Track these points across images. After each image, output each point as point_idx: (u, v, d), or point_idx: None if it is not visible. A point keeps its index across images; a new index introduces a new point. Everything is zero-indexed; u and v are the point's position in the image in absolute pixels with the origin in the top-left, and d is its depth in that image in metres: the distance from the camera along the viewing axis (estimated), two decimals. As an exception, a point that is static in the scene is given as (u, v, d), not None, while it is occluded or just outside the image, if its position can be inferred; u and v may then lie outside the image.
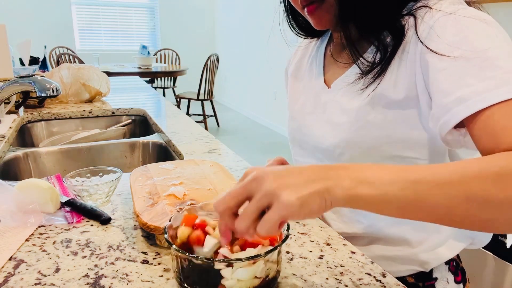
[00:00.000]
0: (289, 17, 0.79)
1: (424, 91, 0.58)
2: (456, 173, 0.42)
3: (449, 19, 0.55)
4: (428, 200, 0.41)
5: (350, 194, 0.42)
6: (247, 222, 0.42)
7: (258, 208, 0.41)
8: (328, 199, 0.42)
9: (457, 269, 0.73)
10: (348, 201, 0.42)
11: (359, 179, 0.42)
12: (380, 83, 0.62)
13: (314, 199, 0.41)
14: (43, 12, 5.51)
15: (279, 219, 0.41)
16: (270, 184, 0.41)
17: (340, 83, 0.70)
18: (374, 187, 0.42)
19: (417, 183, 0.42)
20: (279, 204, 0.40)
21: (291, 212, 0.40)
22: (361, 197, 0.42)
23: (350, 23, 0.63)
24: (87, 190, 0.73)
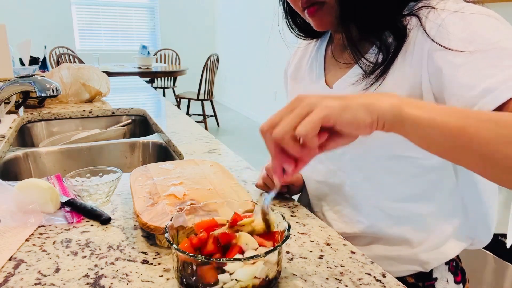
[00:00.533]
0: (288, 19, 0.79)
1: (429, 91, 0.58)
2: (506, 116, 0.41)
3: (457, 16, 0.55)
4: (476, 133, 0.40)
5: (397, 111, 0.41)
6: (284, 127, 0.42)
7: (298, 115, 0.41)
8: (374, 112, 0.42)
9: (457, 269, 0.73)
10: (395, 119, 0.42)
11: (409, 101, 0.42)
12: (382, 83, 0.62)
13: (358, 109, 0.41)
14: (43, 12, 5.51)
15: (320, 119, 0.40)
16: (313, 98, 0.42)
17: (342, 83, 0.70)
18: (423, 110, 0.42)
19: (466, 116, 0.42)
20: (321, 105, 0.41)
21: (332, 113, 0.40)
22: (408, 116, 0.41)
23: (351, 24, 0.63)
24: (87, 190, 0.73)
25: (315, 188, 0.79)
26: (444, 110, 0.42)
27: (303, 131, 0.41)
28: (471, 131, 0.41)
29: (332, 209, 0.76)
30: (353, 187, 0.71)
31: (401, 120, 0.42)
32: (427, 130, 0.42)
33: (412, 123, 0.42)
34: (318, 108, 0.41)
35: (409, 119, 0.42)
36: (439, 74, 0.55)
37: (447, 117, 0.41)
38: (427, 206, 0.67)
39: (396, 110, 0.42)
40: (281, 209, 0.75)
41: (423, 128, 0.42)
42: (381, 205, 0.68)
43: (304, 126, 0.41)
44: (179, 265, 0.48)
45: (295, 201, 0.79)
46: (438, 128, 0.41)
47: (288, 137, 0.42)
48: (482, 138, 0.40)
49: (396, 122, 0.42)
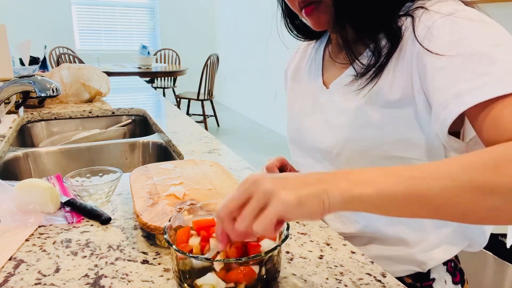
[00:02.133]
0: (287, 21, 0.79)
1: (420, 91, 0.58)
2: (453, 164, 0.41)
3: (447, 20, 0.55)
4: (425, 193, 0.41)
5: (347, 195, 0.42)
6: (246, 222, 0.42)
7: (257, 208, 0.42)
8: (326, 201, 0.42)
9: (455, 270, 0.73)
10: (346, 202, 0.42)
11: (355, 180, 0.43)
12: (377, 84, 0.62)
13: (312, 200, 0.41)
14: (43, 12, 5.51)
15: (275, 216, 0.41)
16: (269, 185, 0.42)
17: (338, 83, 0.70)
18: (369, 185, 0.42)
19: (413, 177, 0.42)
20: (277, 201, 0.41)
21: (288, 210, 0.41)
22: (358, 197, 0.42)
23: (346, 23, 0.63)
24: (87, 190, 0.73)
25: None
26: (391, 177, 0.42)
27: (261, 229, 0.41)
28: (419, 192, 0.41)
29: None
30: None
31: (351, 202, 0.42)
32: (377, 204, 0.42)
33: (361, 203, 0.42)
34: (274, 203, 0.41)
35: (358, 200, 0.42)
36: (425, 77, 0.56)
37: (394, 185, 0.42)
38: None
39: (345, 195, 0.42)
40: (281, 209, 0.75)
41: (373, 202, 0.42)
42: None
43: (261, 224, 0.41)
44: (178, 265, 0.48)
45: (295, 201, 0.79)
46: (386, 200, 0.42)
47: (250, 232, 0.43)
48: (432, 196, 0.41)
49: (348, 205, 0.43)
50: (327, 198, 0.42)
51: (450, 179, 0.40)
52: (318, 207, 0.42)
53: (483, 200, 0.39)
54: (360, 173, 0.44)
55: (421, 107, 0.59)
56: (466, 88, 0.48)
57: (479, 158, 0.41)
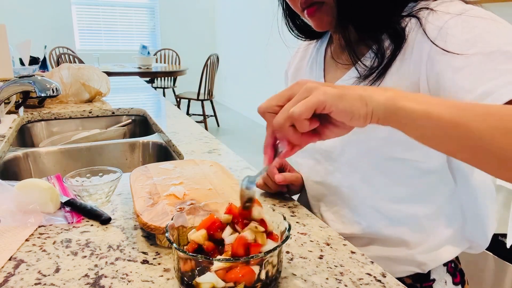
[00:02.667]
0: (288, 20, 0.79)
1: (426, 92, 0.58)
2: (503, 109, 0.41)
3: (459, 20, 0.54)
4: (471, 125, 0.40)
5: (392, 104, 0.42)
6: (284, 116, 0.43)
7: (298, 100, 0.42)
8: (370, 104, 0.42)
9: (456, 271, 0.73)
10: (388, 112, 0.42)
11: (404, 94, 0.43)
12: (380, 85, 0.62)
13: (355, 99, 0.42)
14: (43, 12, 5.51)
15: (315, 102, 0.41)
16: (312, 83, 0.43)
17: (340, 84, 0.70)
18: (417, 102, 0.42)
19: (461, 108, 0.41)
20: (318, 91, 0.42)
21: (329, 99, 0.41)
22: (403, 109, 0.42)
23: (349, 24, 0.63)
24: (87, 190, 0.73)
25: (313, 189, 0.79)
26: (439, 102, 0.42)
27: (297, 112, 0.41)
28: (466, 123, 0.40)
29: (330, 209, 0.76)
30: (350, 188, 0.71)
31: (396, 113, 0.42)
32: (422, 122, 0.42)
33: (406, 115, 0.42)
34: (315, 92, 0.42)
35: (403, 112, 0.42)
36: (439, 77, 0.55)
37: (442, 109, 0.41)
38: (424, 208, 0.67)
39: (390, 103, 0.42)
40: (281, 209, 0.75)
41: (417, 120, 0.42)
42: (378, 206, 0.68)
43: (298, 107, 0.42)
44: (180, 264, 0.48)
45: (295, 201, 0.79)
46: (432, 120, 0.41)
47: (287, 126, 0.43)
48: (477, 130, 0.40)
49: (391, 115, 0.42)
50: (371, 102, 0.42)
51: (499, 120, 0.40)
52: (361, 107, 0.42)
53: None
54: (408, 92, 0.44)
55: None
56: (493, 87, 0.47)
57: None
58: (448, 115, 0.41)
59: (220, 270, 0.45)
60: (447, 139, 0.42)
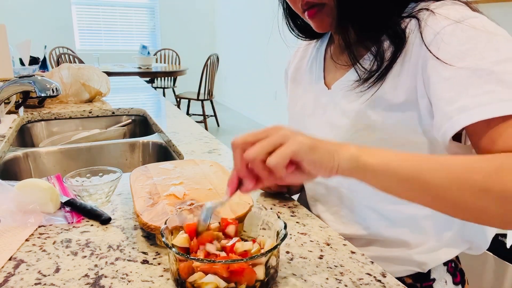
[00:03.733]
0: (288, 20, 0.79)
1: (423, 95, 0.58)
2: (459, 160, 0.45)
3: (457, 28, 0.54)
4: (428, 178, 0.44)
5: (356, 160, 0.46)
6: (258, 150, 0.45)
7: (272, 143, 0.45)
8: (336, 159, 0.46)
9: (456, 270, 0.73)
10: (352, 167, 0.46)
11: (365, 151, 0.47)
12: (381, 87, 0.62)
13: (324, 152, 0.46)
14: (43, 12, 5.51)
15: (290, 153, 0.44)
16: (288, 131, 0.46)
17: (340, 85, 0.70)
18: (378, 157, 0.46)
19: (420, 161, 0.45)
20: (293, 140, 0.45)
21: (302, 150, 0.44)
22: (363, 164, 0.46)
23: (349, 25, 0.63)
24: (87, 190, 0.73)
25: (312, 189, 0.79)
26: (399, 157, 0.46)
27: (274, 161, 0.44)
28: (423, 176, 0.45)
29: (328, 210, 0.75)
30: (350, 188, 0.71)
31: (358, 168, 0.46)
32: (381, 176, 0.46)
33: (367, 170, 0.46)
34: (291, 142, 0.45)
35: (364, 168, 0.46)
36: (428, 81, 0.56)
37: (400, 164, 0.46)
38: (423, 209, 0.66)
39: (353, 160, 0.46)
40: (281, 209, 0.75)
41: (377, 174, 0.46)
42: (377, 206, 0.68)
43: (275, 156, 0.45)
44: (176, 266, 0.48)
45: (295, 201, 0.79)
46: (391, 175, 0.46)
47: (259, 160, 0.46)
48: (433, 183, 0.44)
49: (354, 169, 0.47)
50: (337, 157, 0.46)
51: (453, 174, 0.44)
52: (329, 161, 0.46)
53: (477, 199, 0.43)
54: (371, 148, 0.48)
55: (424, 112, 0.59)
56: (471, 103, 0.49)
57: (483, 162, 0.44)
58: (404, 169, 0.45)
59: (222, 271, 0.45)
60: (406, 191, 0.47)
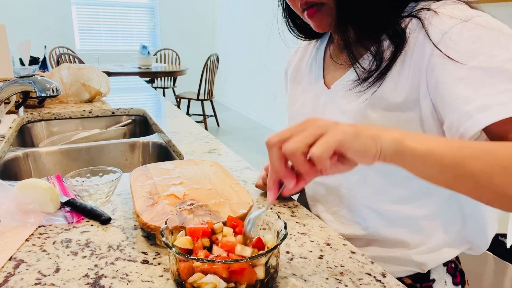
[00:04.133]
0: (288, 20, 0.79)
1: (426, 95, 0.57)
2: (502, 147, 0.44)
3: (464, 27, 0.54)
4: (470, 163, 0.43)
5: (399, 144, 0.44)
6: (298, 143, 0.43)
7: (312, 134, 0.43)
8: (379, 143, 0.44)
9: (456, 271, 0.72)
10: (396, 152, 0.44)
11: (408, 135, 0.45)
12: (380, 86, 0.62)
13: (367, 138, 0.44)
14: (43, 12, 5.51)
15: (336, 142, 0.42)
16: (325, 122, 0.44)
17: (339, 84, 0.70)
18: (421, 143, 0.45)
19: (462, 147, 0.44)
20: (336, 129, 0.42)
21: (346, 139, 0.42)
22: (408, 148, 0.44)
23: (348, 25, 0.63)
24: (87, 190, 0.73)
25: (312, 189, 0.79)
26: (442, 143, 0.45)
27: (319, 152, 0.41)
28: (466, 163, 0.44)
29: (328, 210, 0.75)
30: (349, 188, 0.71)
31: (401, 153, 0.45)
32: (425, 162, 0.45)
33: (410, 155, 0.45)
34: (333, 131, 0.43)
35: (407, 151, 0.45)
36: (438, 82, 0.55)
37: (444, 150, 0.44)
38: (422, 210, 0.67)
39: (397, 144, 0.45)
40: (281, 209, 0.75)
41: (420, 160, 0.45)
42: (377, 207, 0.68)
43: (320, 147, 0.42)
44: (177, 267, 0.48)
45: (295, 201, 0.79)
46: (434, 160, 0.44)
47: (300, 153, 0.43)
48: (477, 170, 0.44)
49: (397, 155, 0.45)
50: (380, 142, 0.44)
51: (496, 160, 0.43)
52: (372, 146, 0.44)
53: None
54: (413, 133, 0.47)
55: (426, 112, 0.58)
56: (491, 102, 0.49)
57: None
58: (449, 155, 0.44)
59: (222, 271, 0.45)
60: (448, 178, 0.46)
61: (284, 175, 0.46)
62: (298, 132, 0.44)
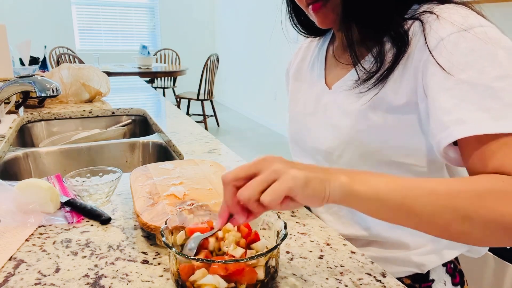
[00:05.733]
0: (292, 15, 0.78)
1: (423, 98, 0.57)
2: (444, 186, 0.46)
3: (461, 38, 0.53)
4: (415, 205, 0.46)
5: (346, 189, 0.46)
6: (251, 191, 0.44)
7: (265, 181, 0.44)
8: (327, 188, 0.45)
9: (455, 271, 0.72)
10: (343, 196, 0.46)
11: (355, 178, 0.47)
12: (382, 89, 0.62)
13: (317, 183, 0.45)
14: (43, 12, 5.51)
15: (285, 190, 0.43)
16: (279, 164, 0.45)
17: (341, 85, 0.70)
18: (367, 186, 0.46)
19: (407, 188, 0.46)
20: (287, 176, 0.43)
21: (296, 186, 0.43)
22: (355, 193, 0.46)
23: (353, 23, 0.63)
24: (87, 190, 0.73)
25: None
26: (389, 185, 0.47)
27: (268, 200, 0.43)
28: (410, 205, 0.46)
29: (328, 210, 0.75)
30: None
31: (348, 196, 0.46)
32: (371, 205, 0.47)
33: (357, 199, 0.47)
34: (284, 177, 0.44)
35: (355, 196, 0.46)
36: (427, 87, 0.56)
37: (389, 192, 0.46)
38: None
39: (344, 188, 0.46)
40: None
41: (367, 203, 0.47)
42: None
43: (270, 195, 0.43)
44: (177, 267, 0.48)
45: (295, 201, 0.79)
46: (380, 203, 0.47)
47: (253, 200, 0.44)
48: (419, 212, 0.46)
49: (345, 198, 0.47)
50: (328, 186, 0.45)
51: (437, 200, 0.45)
52: (321, 192, 0.45)
53: (460, 224, 0.45)
54: (362, 174, 0.48)
55: (423, 115, 0.59)
56: (467, 117, 0.50)
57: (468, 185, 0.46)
58: (393, 198, 0.46)
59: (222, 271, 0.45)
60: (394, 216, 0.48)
61: (236, 211, 0.47)
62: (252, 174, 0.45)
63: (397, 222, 0.49)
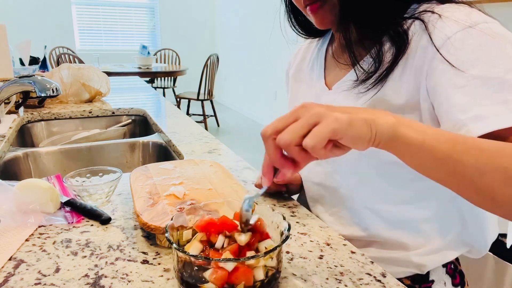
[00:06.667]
0: (290, 16, 0.78)
1: (426, 98, 0.57)
2: (493, 145, 0.44)
3: (469, 34, 0.53)
4: (462, 159, 0.43)
5: (393, 130, 0.44)
6: (293, 134, 0.42)
7: (306, 124, 0.42)
8: (374, 129, 0.43)
9: (455, 272, 0.72)
10: (390, 138, 0.44)
11: (404, 122, 0.45)
12: (382, 88, 0.62)
13: (362, 124, 0.43)
14: (43, 12, 5.51)
15: (329, 132, 0.41)
16: (320, 108, 0.43)
17: (340, 85, 0.70)
18: (416, 131, 0.44)
19: (456, 141, 0.44)
20: (329, 118, 0.41)
21: (340, 127, 0.41)
22: (402, 136, 0.44)
23: (351, 23, 0.63)
24: (87, 190, 0.73)
25: (312, 190, 0.79)
26: (436, 134, 0.45)
27: (311, 143, 0.41)
28: (457, 157, 0.43)
29: (328, 211, 0.75)
30: (349, 190, 0.70)
31: (395, 139, 0.44)
32: (417, 152, 0.45)
33: (404, 143, 0.44)
34: (327, 120, 0.41)
35: (401, 139, 0.44)
36: (436, 87, 0.55)
37: (437, 141, 0.44)
38: (422, 212, 0.67)
39: (392, 130, 0.44)
40: (281, 209, 0.75)
41: (413, 149, 0.45)
42: (377, 208, 0.68)
43: (313, 138, 0.41)
44: (180, 264, 0.48)
45: (295, 201, 0.79)
46: (426, 151, 0.44)
47: (294, 144, 0.42)
48: (467, 166, 0.43)
49: (391, 141, 0.44)
50: (374, 127, 0.43)
51: (487, 158, 0.43)
52: (367, 132, 0.43)
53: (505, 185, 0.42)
54: (411, 120, 0.46)
55: (425, 115, 0.58)
56: (486, 113, 0.49)
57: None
58: (441, 148, 0.44)
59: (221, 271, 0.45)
60: (437, 170, 0.45)
61: (280, 165, 0.45)
62: (291, 122, 0.43)
63: (441, 177, 0.46)
